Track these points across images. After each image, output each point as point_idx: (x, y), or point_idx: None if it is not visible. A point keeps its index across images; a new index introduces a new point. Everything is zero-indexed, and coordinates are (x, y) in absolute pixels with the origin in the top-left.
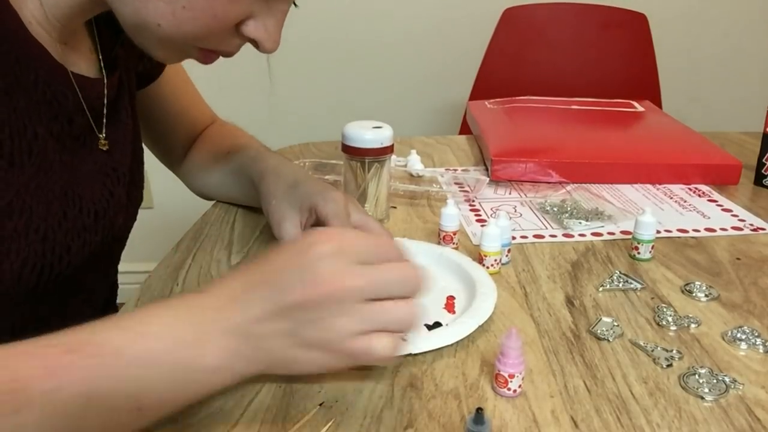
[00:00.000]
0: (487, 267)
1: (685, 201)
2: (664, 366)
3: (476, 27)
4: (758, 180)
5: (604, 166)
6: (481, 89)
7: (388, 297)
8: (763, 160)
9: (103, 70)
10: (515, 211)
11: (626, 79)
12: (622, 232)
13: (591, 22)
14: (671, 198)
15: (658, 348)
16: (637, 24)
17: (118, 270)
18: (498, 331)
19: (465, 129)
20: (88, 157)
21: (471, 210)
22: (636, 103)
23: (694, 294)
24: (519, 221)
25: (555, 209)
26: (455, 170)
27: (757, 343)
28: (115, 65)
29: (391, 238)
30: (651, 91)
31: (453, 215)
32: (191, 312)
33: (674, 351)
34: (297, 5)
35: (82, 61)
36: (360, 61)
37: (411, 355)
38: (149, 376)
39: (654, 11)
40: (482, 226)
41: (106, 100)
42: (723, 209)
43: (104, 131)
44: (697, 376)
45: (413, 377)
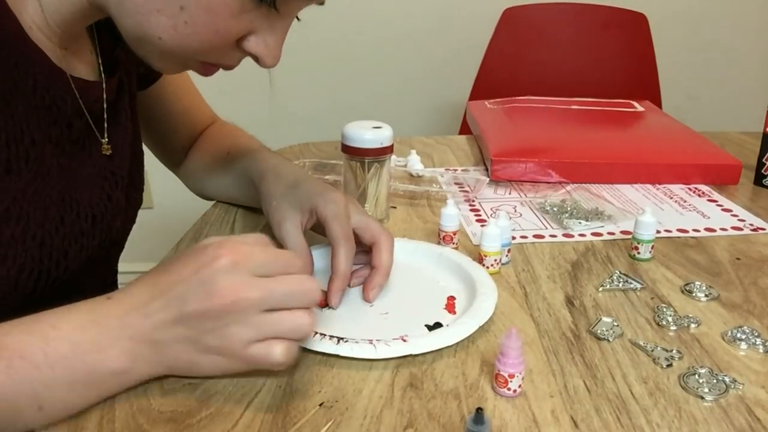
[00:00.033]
0: (487, 267)
1: (685, 201)
2: (664, 366)
3: (476, 27)
4: (758, 180)
5: (604, 166)
6: (481, 89)
7: (284, 307)
8: (763, 160)
9: (102, 73)
10: (515, 211)
11: (626, 79)
12: (622, 232)
13: (591, 22)
14: (671, 198)
15: (658, 348)
16: (637, 24)
17: (118, 270)
18: (498, 331)
19: (465, 129)
20: (87, 161)
21: (471, 210)
22: (636, 103)
23: (694, 294)
24: (519, 221)
25: (555, 209)
26: (455, 170)
27: (757, 343)
28: (116, 67)
29: (391, 240)
30: (651, 91)
31: (453, 215)
32: (96, 318)
33: (674, 351)
34: (299, 19)
35: (82, 65)
36: (360, 61)
37: (412, 355)
38: (52, 377)
39: (654, 11)
40: (482, 226)
41: (105, 104)
42: (723, 209)
43: (106, 135)
44: (697, 376)
45: (413, 377)
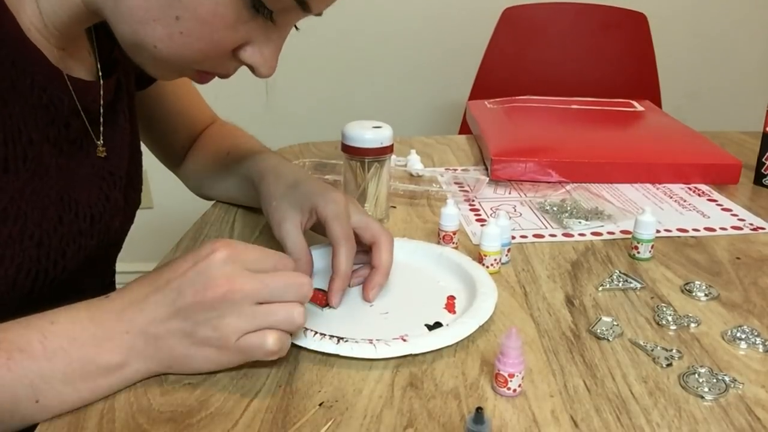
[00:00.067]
0: (487, 267)
1: (685, 200)
2: (664, 365)
3: (476, 27)
4: (758, 180)
5: (604, 166)
6: (481, 89)
7: (277, 300)
8: (763, 160)
9: (100, 74)
10: (515, 210)
11: (626, 79)
12: (622, 231)
13: (591, 22)
14: (671, 197)
15: (658, 347)
16: (637, 24)
17: (116, 271)
18: (498, 331)
19: (465, 129)
20: (85, 160)
21: (471, 210)
22: (636, 103)
23: (693, 293)
24: (519, 221)
25: (555, 209)
26: (455, 170)
27: (757, 342)
28: (114, 68)
29: (391, 239)
30: (651, 91)
31: (453, 215)
32: (94, 314)
33: (674, 350)
34: (298, 29)
35: (80, 65)
36: (360, 60)
37: (412, 355)
38: (49, 370)
39: (654, 11)
40: (482, 225)
41: (102, 102)
42: (723, 209)
43: (102, 138)
44: (696, 375)
45: (413, 377)
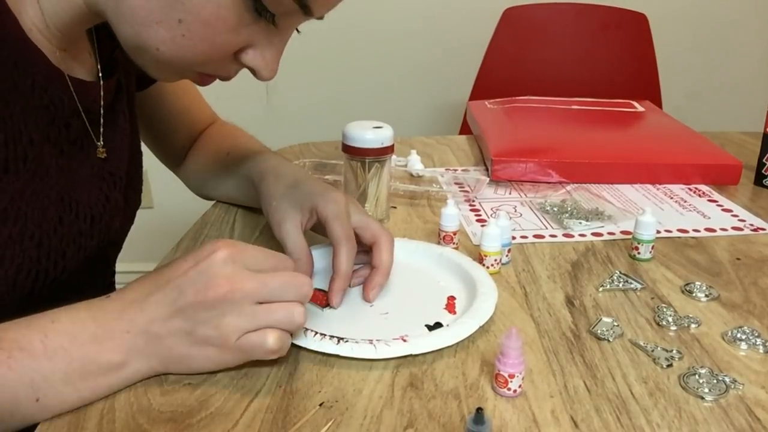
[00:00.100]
0: (487, 267)
1: (685, 201)
2: (664, 366)
3: (476, 27)
4: (758, 180)
5: (604, 166)
6: (481, 89)
7: (277, 300)
8: (763, 160)
9: (100, 75)
10: (515, 211)
11: (626, 79)
12: (622, 232)
13: (591, 22)
14: (671, 198)
15: (658, 348)
16: (637, 24)
17: (115, 271)
18: (498, 331)
19: (465, 129)
20: (86, 161)
21: (471, 210)
22: (636, 103)
23: (694, 294)
24: (519, 221)
25: (555, 209)
26: (455, 170)
27: (757, 343)
28: (114, 69)
29: (391, 239)
30: (651, 91)
31: (453, 215)
32: (95, 314)
33: (674, 351)
34: (299, 32)
35: (81, 66)
36: (360, 61)
37: (412, 355)
38: (49, 368)
39: (654, 11)
40: (482, 226)
41: (102, 103)
42: (723, 209)
43: (102, 139)
44: (697, 376)
45: (413, 377)
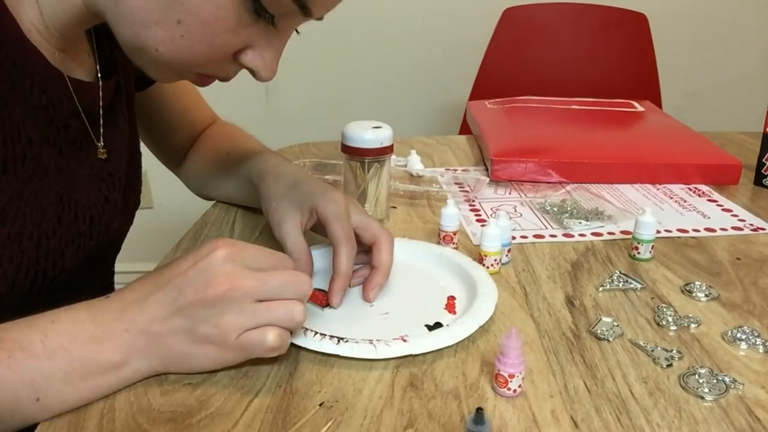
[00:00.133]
0: (487, 267)
1: (685, 201)
2: (664, 366)
3: (476, 27)
4: (758, 180)
5: (604, 166)
6: (481, 89)
7: (276, 298)
8: (763, 160)
9: (99, 75)
10: (515, 211)
11: (626, 79)
12: (622, 232)
13: (591, 22)
14: (671, 198)
15: (658, 348)
16: (637, 24)
17: (115, 271)
18: (498, 331)
19: (465, 129)
20: (85, 161)
21: (471, 210)
22: (636, 103)
23: (694, 294)
24: (519, 221)
25: (555, 209)
26: (455, 170)
27: (757, 343)
28: (113, 69)
29: (391, 239)
30: (651, 91)
31: (453, 215)
32: (94, 314)
33: (674, 351)
34: (299, 33)
35: (80, 67)
36: (360, 61)
37: (412, 355)
38: (50, 368)
39: (654, 11)
40: (482, 226)
41: (102, 103)
42: (723, 209)
43: (102, 139)
44: (697, 376)
45: (413, 377)
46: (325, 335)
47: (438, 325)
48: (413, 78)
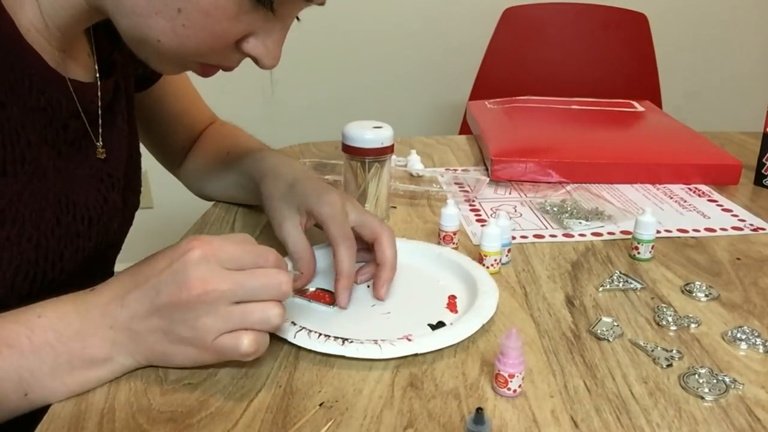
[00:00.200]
0: (487, 267)
1: (685, 201)
2: (664, 366)
3: (476, 27)
4: (758, 180)
5: (604, 166)
6: (481, 89)
7: (253, 300)
8: (763, 160)
9: (98, 76)
10: (515, 211)
11: (626, 79)
12: (622, 232)
13: (591, 22)
14: (671, 198)
15: (658, 348)
16: (637, 24)
17: (114, 272)
18: (498, 331)
19: (465, 129)
20: (84, 162)
21: (471, 210)
22: (636, 103)
23: (694, 294)
24: (519, 221)
25: (555, 209)
26: (455, 170)
27: (757, 343)
28: (112, 69)
29: (392, 234)
30: (651, 91)
31: (453, 215)
32: (79, 308)
33: (674, 351)
34: (299, 20)
35: (79, 67)
36: (360, 60)
37: (417, 354)
38: (37, 364)
39: (654, 11)
40: (482, 226)
41: (101, 104)
42: (723, 209)
43: (101, 139)
44: (697, 376)
45: (413, 377)
46: (329, 336)
47: (441, 324)
48: (413, 78)
